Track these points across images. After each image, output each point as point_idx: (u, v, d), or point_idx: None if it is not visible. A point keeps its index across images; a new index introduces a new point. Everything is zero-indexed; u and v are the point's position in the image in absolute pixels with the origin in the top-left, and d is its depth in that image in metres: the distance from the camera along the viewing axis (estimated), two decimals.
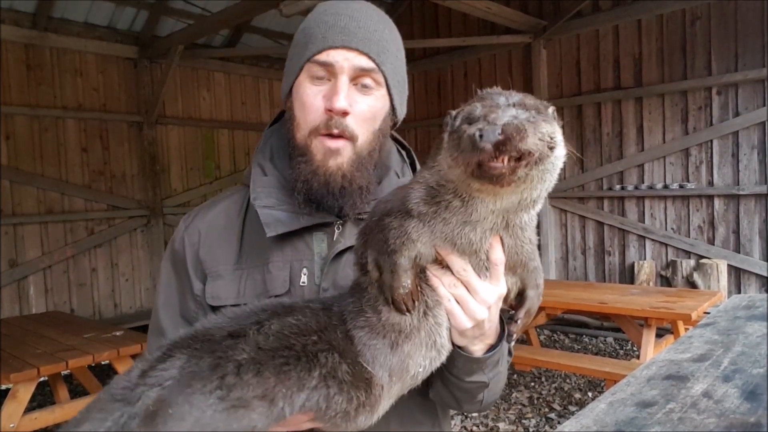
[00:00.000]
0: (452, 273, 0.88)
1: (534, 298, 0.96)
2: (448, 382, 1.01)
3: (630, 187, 5.93)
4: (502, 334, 0.99)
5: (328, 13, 1.03)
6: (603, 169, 6.12)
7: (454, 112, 0.83)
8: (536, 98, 0.82)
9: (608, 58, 6.05)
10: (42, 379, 3.41)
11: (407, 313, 0.88)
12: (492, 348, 0.98)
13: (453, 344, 0.95)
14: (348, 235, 1.07)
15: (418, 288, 0.89)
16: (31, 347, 3.52)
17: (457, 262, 0.87)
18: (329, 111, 0.99)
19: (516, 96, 0.81)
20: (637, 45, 5.84)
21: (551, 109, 0.83)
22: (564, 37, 6.34)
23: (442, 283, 0.89)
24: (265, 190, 1.08)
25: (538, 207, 0.88)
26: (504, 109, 0.77)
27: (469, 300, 0.89)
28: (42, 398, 4.57)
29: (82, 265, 6.16)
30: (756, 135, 5.22)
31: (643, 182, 5.88)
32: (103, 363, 3.74)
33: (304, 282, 1.05)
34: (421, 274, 0.90)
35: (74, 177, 6.09)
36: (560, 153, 0.82)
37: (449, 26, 7.38)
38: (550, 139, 0.78)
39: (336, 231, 1.08)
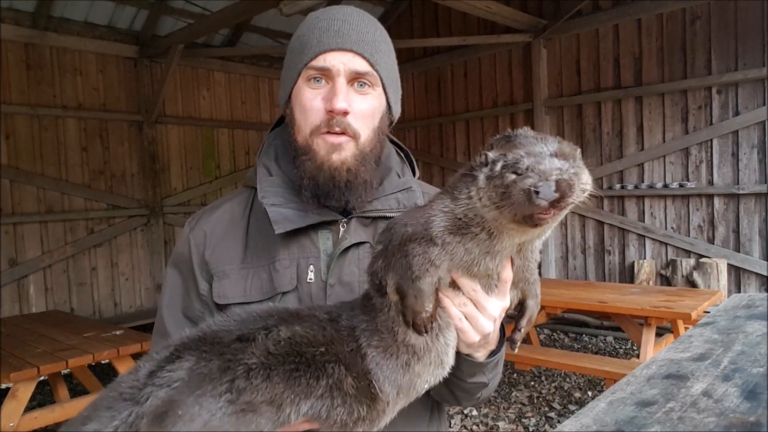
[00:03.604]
0: (462, 293, 0.92)
1: (534, 307, 1.02)
2: (450, 382, 1.05)
3: (630, 187, 5.93)
4: (502, 339, 1.04)
5: (321, 19, 1.07)
6: (603, 168, 6.12)
7: (491, 155, 0.84)
8: (563, 141, 0.85)
9: (608, 57, 6.05)
10: (42, 378, 3.42)
11: (424, 335, 0.91)
12: (493, 353, 1.03)
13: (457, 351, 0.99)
14: (353, 233, 1.10)
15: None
16: (31, 346, 3.52)
17: (467, 283, 0.91)
18: (330, 112, 1.02)
19: (552, 143, 0.83)
20: (637, 44, 5.84)
21: (578, 152, 0.86)
22: (564, 37, 6.34)
23: (453, 303, 0.92)
24: (273, 190, 1.10)
25: (549, 233, 0.94)
26: (548, 160, 0.79)
27: (478, 317, 0.93)
28: (42, 397, 4.58)
29: (82, 265, 6.16)
30: (756, 134, 5.22)
31: (643, 181, 5.88)
32: (103, 362, 3.75)
33: (311, 278, 1.08)
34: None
35: (74, 176, 6.09)
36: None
37: (449, 25, 7.37)
38: (586, 186, 0.83)
39: (341, 229, 1.11)
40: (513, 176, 0.79)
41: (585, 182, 0.81)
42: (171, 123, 6.86)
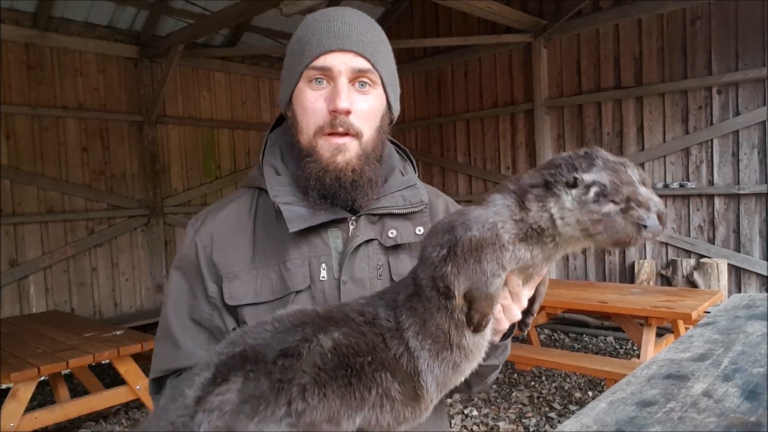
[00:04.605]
0: (506, 287, 0.96)
1: (543, 294, 1.08)
2: None
3: None
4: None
5: (320, 20, 1.08)
6: None
7: (585, 178, 0.86)
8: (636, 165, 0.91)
9: (608, 57, 6.05)
10: (42, 378, 3.42)
11: (476, 335, 0.95)
12: (505, 335, 1.08)
13: None
14: (362, 230, 1.12)
15: None
16: (31, 347, 3.52)
17: (515, 280, 0.96)
18: (333, 112, 1.04)
19: (634, 169, 0.87)
20: (637, 44, 5.84)
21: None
22: (564, 37, 6.34)
23: None
24: (283, 188, 1.11)
25: None
26: (643, 190, 0.85)
27: (512, 307, 0.99)
28: (42, 398, 4.57)
29: (82, 265, 6.16)
30: (756, 134, 5.21)
31: None
32: (103, 362, 3.75)
33: (324, 277, 1.09)
34: None
35: (74, 176, 6.09)
36: None
37: (450, 25, 7.37)
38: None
39: (351, 227, 1.12)
40: (612, 205, 0.83)
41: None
42: (171, 123, 6.86)
